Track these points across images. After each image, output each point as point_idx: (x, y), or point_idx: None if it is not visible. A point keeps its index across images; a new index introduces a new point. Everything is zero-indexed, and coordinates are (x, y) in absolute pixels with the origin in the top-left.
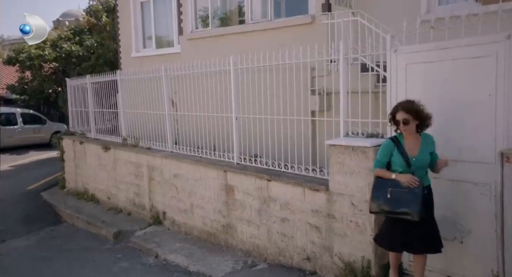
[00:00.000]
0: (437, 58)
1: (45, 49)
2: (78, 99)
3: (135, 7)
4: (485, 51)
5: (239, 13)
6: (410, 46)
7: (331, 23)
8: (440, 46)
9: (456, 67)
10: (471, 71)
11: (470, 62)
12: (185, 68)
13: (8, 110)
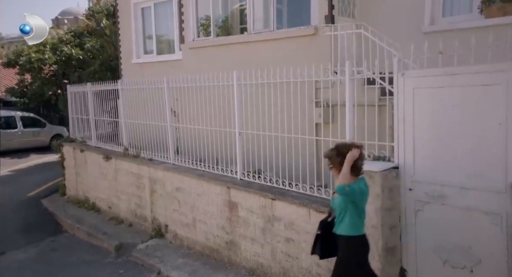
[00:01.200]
0: (446, 84)
1: (45, 52)
2: (79, 106)
3: (136, 13)
4: (495, 79)
5: (240, 21)
6: (418, 70)
7: (335, 34)
8: (449, 72)
9: (465, 94)
10: (480, 99)
11: (479, 90)
12: (187, 81)
13: (8, 113)
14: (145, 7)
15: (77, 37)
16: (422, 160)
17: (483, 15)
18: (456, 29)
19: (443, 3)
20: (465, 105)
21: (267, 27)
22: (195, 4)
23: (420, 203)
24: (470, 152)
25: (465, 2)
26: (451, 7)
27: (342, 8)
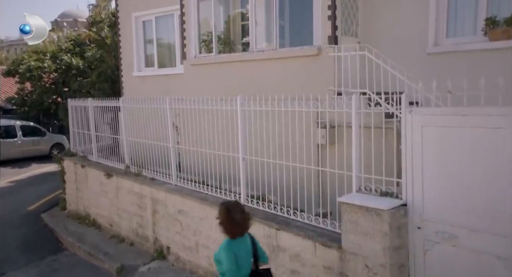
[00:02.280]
0: (455, 124)
1: (45, 61)
2: (80, 120)
3: (137, 26)
4: (506, 123)
5: (242, 35)
6: (426, 108)
7: (338, 55)
8: (458, 112)
9: (475, 135)
10: (491, 141)
11: (490, 132)
12: (190, 102)
13: (7, 122)
14: (146, 20)
15: (78, 46)
16: (431, 198)
17: (488, 37)
18: (461, 51)
19: (447, 24)
20: (475, 145)
21: (270, 45)
22: (197, 20)
23: (430, 243)
24: (480, 193)
25: (469, 23)
26: (454, 28)
27: (345, 27)
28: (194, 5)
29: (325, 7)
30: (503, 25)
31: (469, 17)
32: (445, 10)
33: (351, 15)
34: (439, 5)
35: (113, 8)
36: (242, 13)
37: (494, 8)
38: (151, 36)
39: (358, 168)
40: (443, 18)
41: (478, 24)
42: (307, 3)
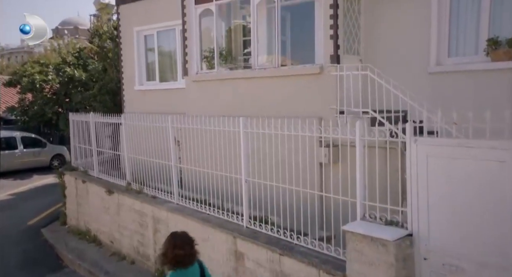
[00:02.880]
0: (460, 155)
1: (48, 73)
2: (81, 135)
3: (139, 40)
4: (510, 156)
5: (244, 51)
6: (431, 138)
7: (340, 74)
8: (463, 144)
9: (481, 168)
10: (496, 174)
11: (495, 165)
12: (192, 122)
13: (8, 134)
14: (148, 34)
15: (80, 58)
16: (437, 229)
17: (490, 57)
18: (463, 71)
19: (449, 43)
20: (481, 178)
21: (272, 63)
22: (199, 37)
23: (436, 275)
24: (488, 226)
25: (471, 43)
26: (456, 48)
27: (347, 46)
28: (195, 21)
29: (327, 27)
30: (505, 45)
31: (471, 36)
32: (447, 29)
33: (353, 33)
34: (441, 25)
35: (115, 19)
36: (244, 29)
37: (495, 28)
38: (152, 51)
39: (362, 196)
40: (445, 37)
41: (480, 44)
42: (309, 21)
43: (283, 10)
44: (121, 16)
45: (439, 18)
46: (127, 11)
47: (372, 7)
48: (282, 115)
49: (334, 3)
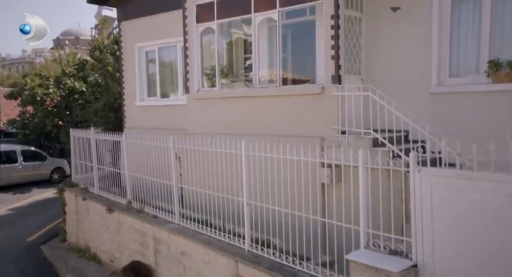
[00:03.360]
0: (464, 187)
1: (50, 86)
2: (82, 152)
3: (140, 56)
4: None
5: (245, 70)
6: (436, 169)
7: (342, 95)
8: (468, 176)
9: (487, 200)
10: (502, 207)
11: (501, 199)
12: (193, 143)
13: (8, 147)
14: (149, 50)
15: (81, 70)
16: (442, 260)
17: (491, 79)
18: (464, 91)
19: (450, 63)
20: (486, 210)
21: (273, 82)
22: (200, 55)
23: None
24: (494, 260)
25: (471, 64)
26: (457, 68)
27: (348, 66)
28: (197, 40)
29: (328, 47)
30: (506, 67)
31: (472, 57)
32: (448, 50)
33: (354, 53)
34: (442, 45)
35: (116, 32)
36: (245, 47)
37: (496, 49)
38: (154, 66)
39: (366, 224)
40: (446, 57)
41: (481, 65)
42: (310, 40)
43: (284, 29)
44: (123, 32)
45: (440, 38)
46: (128, 27)
47: (373, 27)
48: (283, 134)
49: (335, 24)
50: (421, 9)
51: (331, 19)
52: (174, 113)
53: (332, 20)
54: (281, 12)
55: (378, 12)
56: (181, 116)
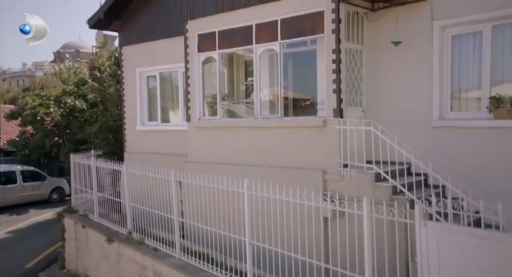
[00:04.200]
0: (473, 245)
1: (50, 105)
2: (82, 178)
3: (141, 81)
4: None
5: (246, 98)
6: (442, 224)
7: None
8: (476, 233)
9: (496, 260)
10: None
11: (509, 258)
12: (195, 178)
13: (8, 168)
14: (150, 75)
15: (80, 88)
16: None
17: (492, 114)
18: (466, 126)
19: (451, 97)
20: (497, 270)
21: (275, 113)
22: (201, 83)
23: None
24: None
25: (473, 98)
26: (459, 102)
27: (350, 98)
28: (198, 68)
29: (330, 81)
30: (507, 103)
31: (473, 91)
32: (449, 83)
33: (355, 85)
34: (443, 78)
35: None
36: (247, 75)
37: (497, 84)
38: (155, 91)
39: (370, 274)
40: (447, 91)
41: (483, 100)
42: (311, 71)
43: (286, 57)
44: (124, 57)
45: (441, 72)
46: (130, 52)
47: (374, 58)
48: (285, 165)
49: (337, 58)
50: (422, 43)
51: (332, 53)
52: (175, 138)
53: (334, 54)
54: (282, 44)
55: (379, 44)
56: (182, 141)
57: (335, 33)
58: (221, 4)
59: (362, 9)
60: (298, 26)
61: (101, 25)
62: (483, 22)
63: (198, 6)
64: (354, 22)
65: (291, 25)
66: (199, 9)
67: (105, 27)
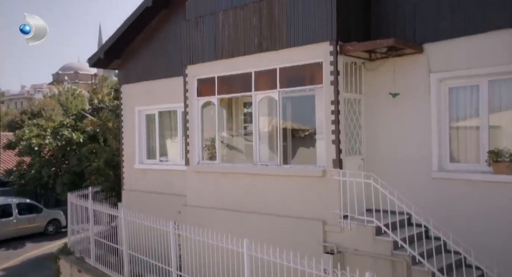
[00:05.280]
0: None
1: (46, 137)
2: (80, 219)
3: (140, 119)
4: None
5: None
6: None
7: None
8: None
9: None
10: None
11: None
12: (194, 232)
13: (4, 201)
14: (150, 113)
15: (78, 120)
16: None
17: (491, 168)
18: (466, 179)
19: (450, 149)
20: None
21: (274, 160)
22: (201, 127)
23: None
24: None
25: (472, 150)
26: (458, 153)
27: (349, 147)
28: (197, 112)
29: (329, 131)
30: (507, 157)
31: (472, 143)
32: (447, 134)
33: (354, 134)
34: (441, 130)
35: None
36: (246, 120)
37: (496, 136)
38: (153, 129)
39: None
40: (446, 142)
41: (481, 152)
42: (311, 119)
43: (285, 101)
44: (123, 95)
45: (439, 123)
46: (129, 90)
47: (372, 107)
48: (284, 214)
49: (336, 109)
50: (420, 94)
51: (331, 104)
52: (173, 177)
53: (333, 105)
54: (281, 92)
55: (378, 93)
56: (181, 181)
57: (334, 85)
58: (220, 51)
59: (360, 59)
60: (297, 75)
61: (101, 63)
62: (479, 77)
63: (198, 51)
64: (352, 71)
65: (290, 74)
66: (198, 55)
67: (105, 66)
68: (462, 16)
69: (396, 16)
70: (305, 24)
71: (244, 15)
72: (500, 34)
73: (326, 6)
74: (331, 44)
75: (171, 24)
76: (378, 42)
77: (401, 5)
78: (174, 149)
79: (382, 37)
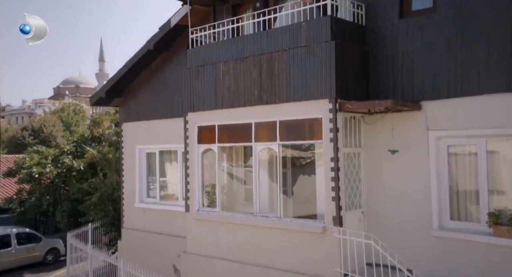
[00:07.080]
0: None
1: (47, 165)
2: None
3: (141, 157)
4: None
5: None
6: None
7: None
8: None
9: None
10: None
11: None
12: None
13: (3, 231)
14: (150, 152)
15: (79, 147)
16: None
17: (492, 230)
18: (466, 240)
19: (450, 205)
20: None
21: (274, 212)
22: (201, 174)
23: None
24: None
25: (472, 209)
26: (458, 212)
27: (349, 201)
28: (198, 159)
29: (328, 188)
30: (507, 219)
31: (471, 201)
32: (447, 192)
33: (354, 187)
34: (441, 187)
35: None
36: (246, 165)
37: (496, 196)
38: (154, 168)
39: None
40: (445, 200)
41: (481, 212)
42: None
43: (285, 157)
44: (124, 132)
45: (438, 180)
46: (130, 128)
47: (372, 160)
48: (283, 268)
49: (335, 166)
50: (418, 150)
51: (331, 161)
52: (173, 218)
53: (332, 162)
54: (281, 144)
55: (377, 147)
56: (181, 222)
57: (333, 142)
58: (221, 100)
59: (359, 113)
60: (297, 129)
61: (103, 102)
62: (477, 137)
63: (199, 99)
64: (352, 125)
65: (290, 127)
66: (199, 103)
67: (106, 104)
68: (458, 77)
69: (394, 74)
70: (304, 80)
71: (245, 67)
72: (496, 97)
73: (326, 64)
74: (330, 102)
75: (172, 65)
76: (376, 102)
77: (399, 63)
78: (175, 189)
79: (381, 93)
